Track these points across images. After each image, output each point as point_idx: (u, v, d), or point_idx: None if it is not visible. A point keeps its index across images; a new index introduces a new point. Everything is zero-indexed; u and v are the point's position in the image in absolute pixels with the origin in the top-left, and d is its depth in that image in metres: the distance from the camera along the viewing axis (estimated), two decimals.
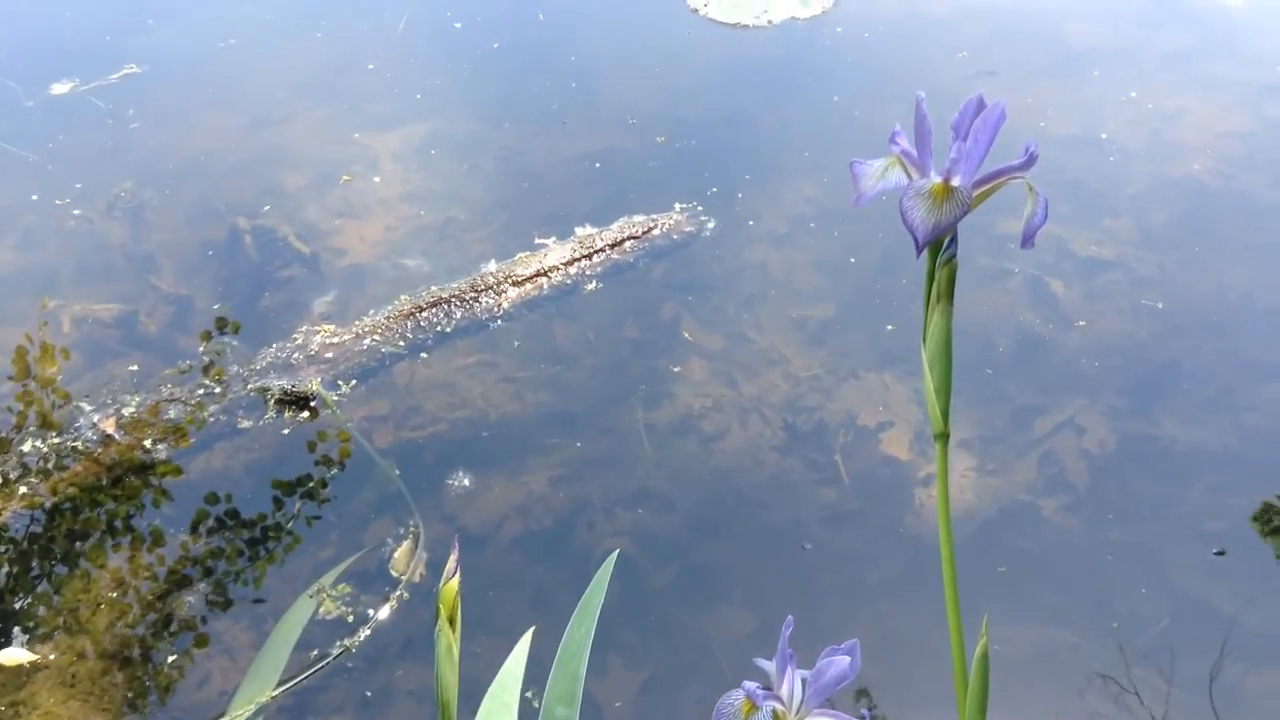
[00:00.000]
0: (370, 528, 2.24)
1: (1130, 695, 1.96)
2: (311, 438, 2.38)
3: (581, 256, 2.65)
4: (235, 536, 2.21)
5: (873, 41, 3.53)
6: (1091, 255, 2.81)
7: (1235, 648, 2.02)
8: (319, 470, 2.31)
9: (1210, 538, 2.20)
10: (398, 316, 2.52)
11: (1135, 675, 1.98)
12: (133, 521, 2.24)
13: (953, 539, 1.02)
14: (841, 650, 1.05)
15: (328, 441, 2.36)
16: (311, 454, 2.35)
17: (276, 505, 2.27)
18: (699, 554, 2.24)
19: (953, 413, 2.56)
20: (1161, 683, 1.97)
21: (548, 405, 2.50)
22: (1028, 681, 2.00)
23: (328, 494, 2.29)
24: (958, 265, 1.09)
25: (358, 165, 3.10)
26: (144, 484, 2.30)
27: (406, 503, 2.27)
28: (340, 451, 2.35)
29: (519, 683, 1.30)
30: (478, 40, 3.57)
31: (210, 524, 2.24)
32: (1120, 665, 2.00)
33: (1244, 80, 3.41)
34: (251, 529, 2.23)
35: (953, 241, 1.06)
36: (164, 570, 2.17)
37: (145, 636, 2.07)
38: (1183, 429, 2.39)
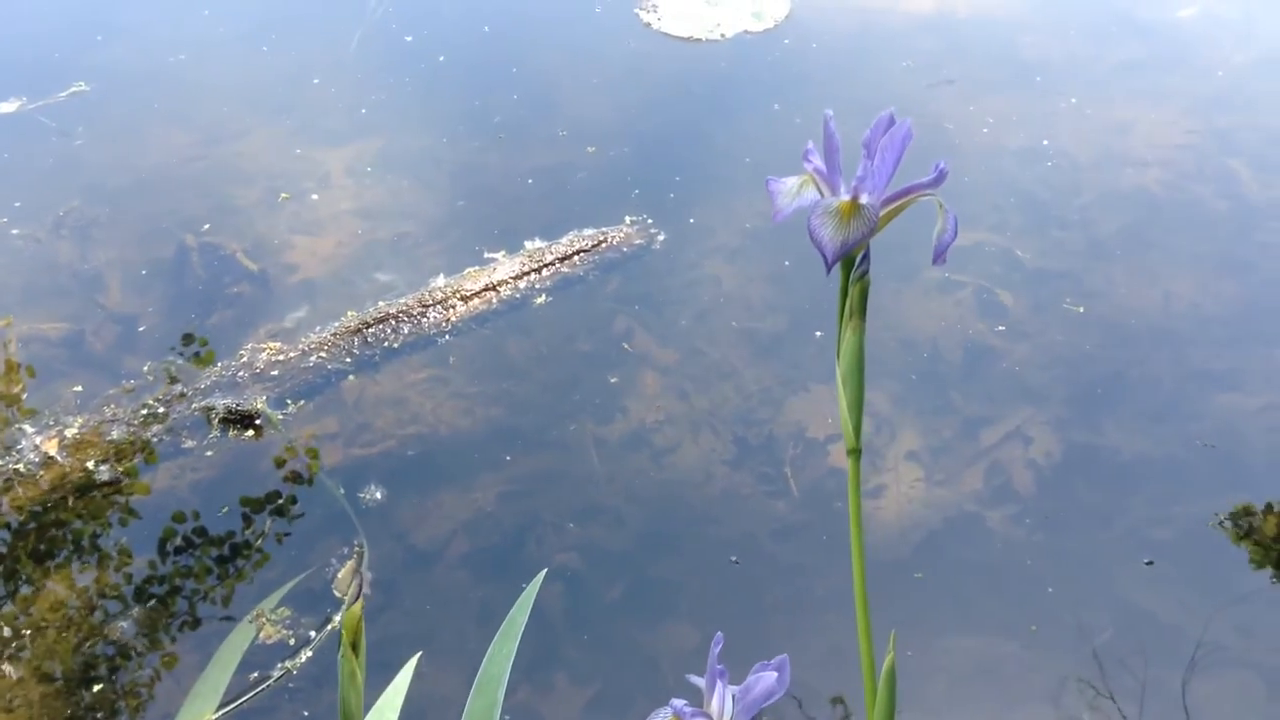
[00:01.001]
0: (315, 548, 2.22)
1: (1074, 704, 1.97)
2: (257, 457, 2.36)
3: (531, 270, 2.64)
4: (179, 558, 2.19)
5: (827, 55, 3.55)
6: (1040, 267, 2.83)
7: (1178, 656, 2.03)
8: (264, 490, 2.29)
9: (1155, 547, 2.21)
10: (344, 333, 2.50)
11: (1079, 685, 1.99)
12: (74, 544, 2.21)
13: (864, 554, 1.02)
14: (771, 666, 1.05)
15: (274, 460, 2.34)
16: (258, 473, 2.33)
17: (220, 527, 2.24)
18: (648, 569, 2.24)
19: (902, 424, 2.58)
20: (1105, 692, 1.98)
21: (498, 420, 2.49)
22: (972, 692, 2.01)
23: (273, 514, 2.27)
24: (870, 282, 1.09)
25: (309, 181, 3.08)
26: (87, 506, 2.27)
27: (351, 522, 2.25)
28: (288, 473, 2.33)
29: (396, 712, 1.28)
30: (429, 55, 3.56)
31: (154, 546, 2.21)
32: (1064, 675, 2.01)
33: (1193, 91, 3.44)
34: (196, 550, 2.20)
35: (865, 258, 1.07)
36: (106, 593, 2.14)
37: (86, 660, 2.04)
38: (1128, 439, 2.40)
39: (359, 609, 0.97)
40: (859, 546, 1.03)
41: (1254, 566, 2.19)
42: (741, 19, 3.50)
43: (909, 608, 2.15)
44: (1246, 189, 3.08)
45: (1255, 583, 2.16)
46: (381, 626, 2.10)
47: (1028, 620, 2.11)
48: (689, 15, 3.51)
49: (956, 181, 3.10)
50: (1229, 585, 2.16)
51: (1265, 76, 3.50)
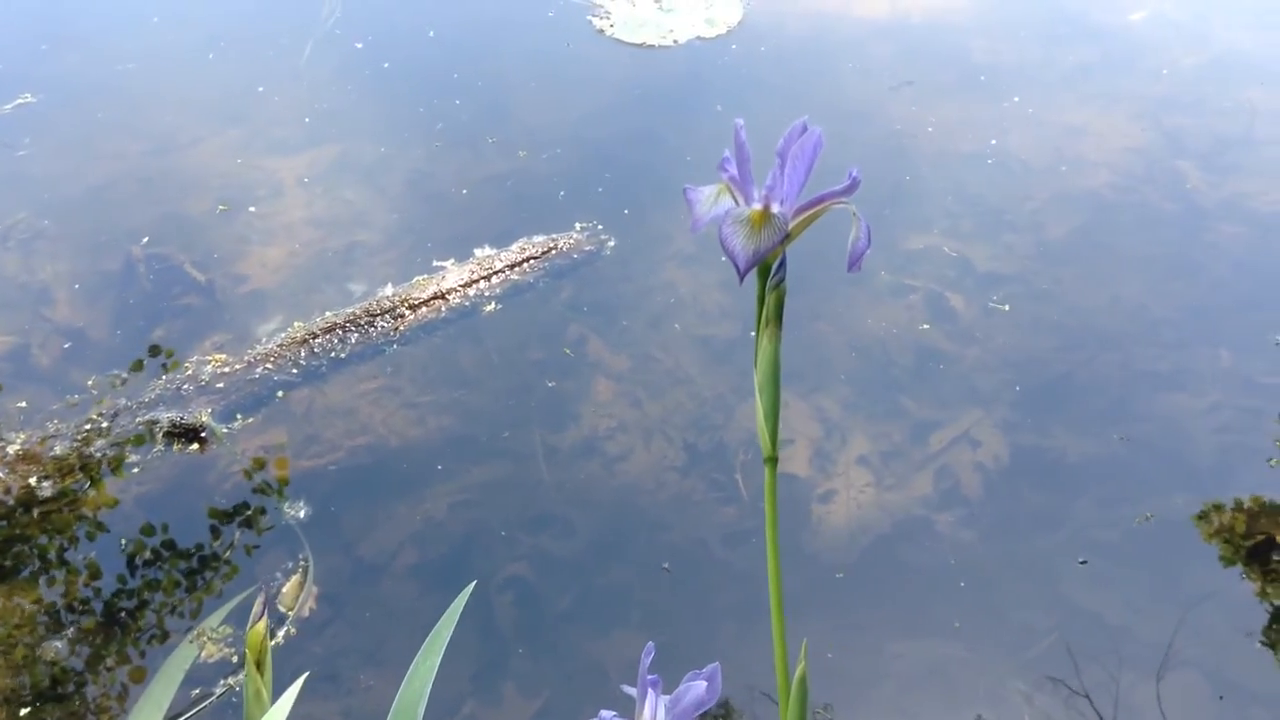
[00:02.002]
0: (260, 563, 2.20)
1: (1018, 705, 1.98)
2: (202, 470, 2.34)
3: (480, 278, 2.63)
4: (123, 575, 2.17)
5: (779, 60, 3.56)
6: (991, 270, 2.85)
7: (1124, 658, 2.04)
8: (209, 505, 2.27)
9: (1101, 548, 2.22)
10: (291, 343, 2.48)
11: (1023, 687, 2.00)
12: (15, 561, 2.18)
13: (779, 562, 1.02)
14: (702, 675, 1.05)
15: (219, 474, 2.32)
16: (203, 487, 2.31)
17: (164, 543, 2.22)
18: (598, 577, 2.23)
19: (853, 429, 2.58)
20: (1051, 694, 1.99)
21: (449, 430, 2.48)
22: (920, 696, 2.01)
23: (217, 529, 2.24)
24: (786, 290, 1.09)
25: (260, 190, 3.06)
26: (30, 523, 2.24)
27: (297, 535, 2.23)
28: (232, 487, 2.31)
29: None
30: (380, 64, 3.55)
31: (97, 562, 2.18)
32: (1008, 677, 2.01)
33: (1144, 94, 3.47)
34: (139, 567, 2.18)
35: (781, 266, 1.07)
36: (47, 611, 2.12)
37: (23, 680, 2.01)
38: (1075, 441, 2.42)
39: (262, 628, 0.96)
40: (774, 555, 1.02)
41: (1223, 563, 2.20)
42: (694, 25, 3.50)
43: (856, 612, 2.15)
44: (1195, 191, 3.11)
45: (1202, 583, 2.18)
46: (328, 639, 2.09)
47: (974, 623, 2.11)
48: (642, 22, 3.51)
49: (907, 185, 3.11)
50: (1176, 586, 2.17)
51: (1215, 79, 3.53)
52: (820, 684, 2.03)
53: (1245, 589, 2.17)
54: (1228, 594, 2.16)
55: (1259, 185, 3.11)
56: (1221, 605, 2.14)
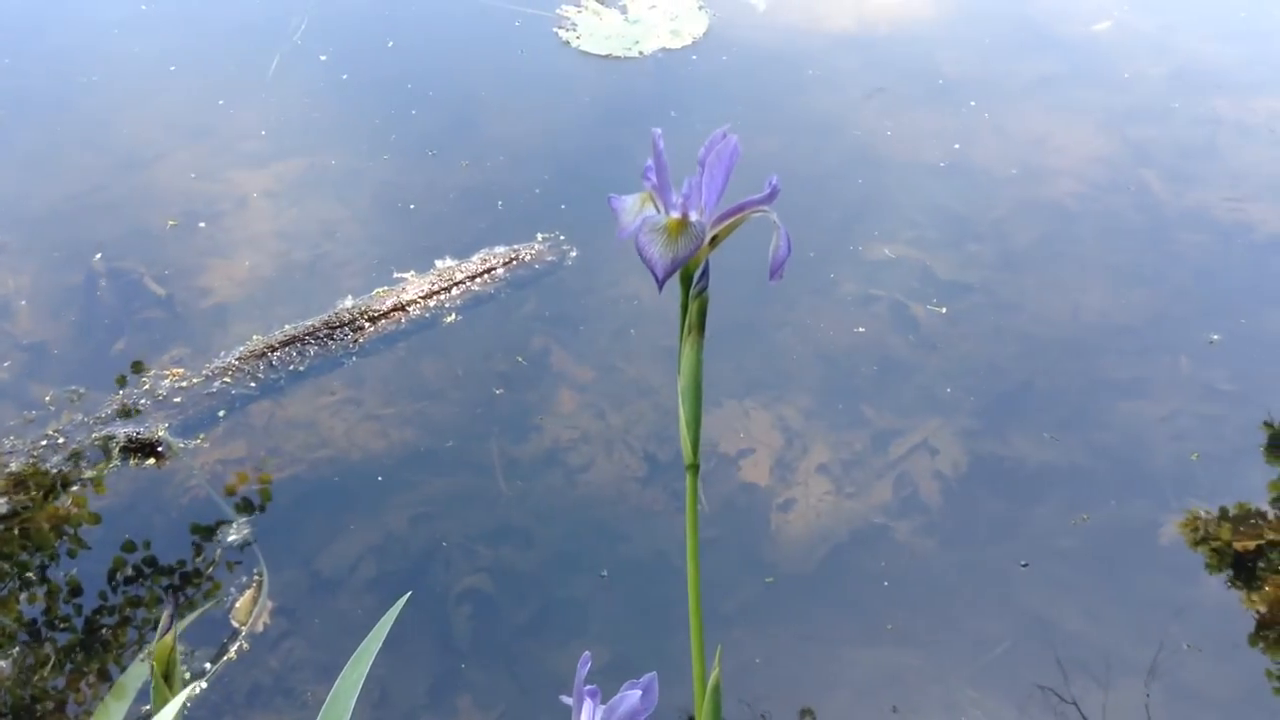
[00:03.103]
0: (216, 578, 2.19)
1: (973, 713, 1.98)
2: (158, 485, 2.33)
3: (440, 289, 2.63)
4: (77, 592, 2.15)
5: (746, 72, 3.57)
6: (954, 279, 2.86)
7: (1078, 665, 2.04)
8: (165, 520, 2.26)
9: (1059, 555, 2.23)
10: (249, 357, 2.48)
11: (975, 695, 2.00)
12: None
13: (699, 571, 1.01)
14: (638, 685, 1.05)
15: (175, 489, 2.31)
16: (160, 502, 2.30)
17: (120, 560, 2.21)
18: (558, 589, 2.22)
19: (814, 437, 2.59)
20: (1003, 701, 1.99)
21: (411, 442, 2.47)
22: (873, 704, 2.01)
23: (172, 544, 2.23)
24: (709, 298, 1.10)
25: (225, 204, 3.06)
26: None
27: (253, 550, 2.22)
28: (189, 501, 2.30)
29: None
30: (348, 76, 3.54)
31: (52, 579, 2.17)
32: (964, 684, 2.01)
33: (1108, 105, 3.49)
34: (95, 584, 2.17)
35: (704, 275, 1.07)
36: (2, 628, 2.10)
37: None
38: (1034, 448, 2.42)
39: (171, 640, 0.95)
40: (694, 564, 1.02)
41: (1211, 571, 2.21)
42: (660, 37, 3.51)
43: (814, 620, 2.15)
44: (1159, 200, 3.13)
45: (1159, 590, 2.18)
46: (284, 654, 2.08)
47: (930, 630, 2.11)
48: (607, 33, 3.52)
49: (873, 195, 3.12)
50: (1133, 592, 2.18)
51: (1179, 89, 3.56)
52: (774, 693, 2.03)
53: (1203, 596, 2.18)
54: (1185, 601, 2.16)
55: (1221, 194, 3.13)
56: (1179, 612, 2.14)
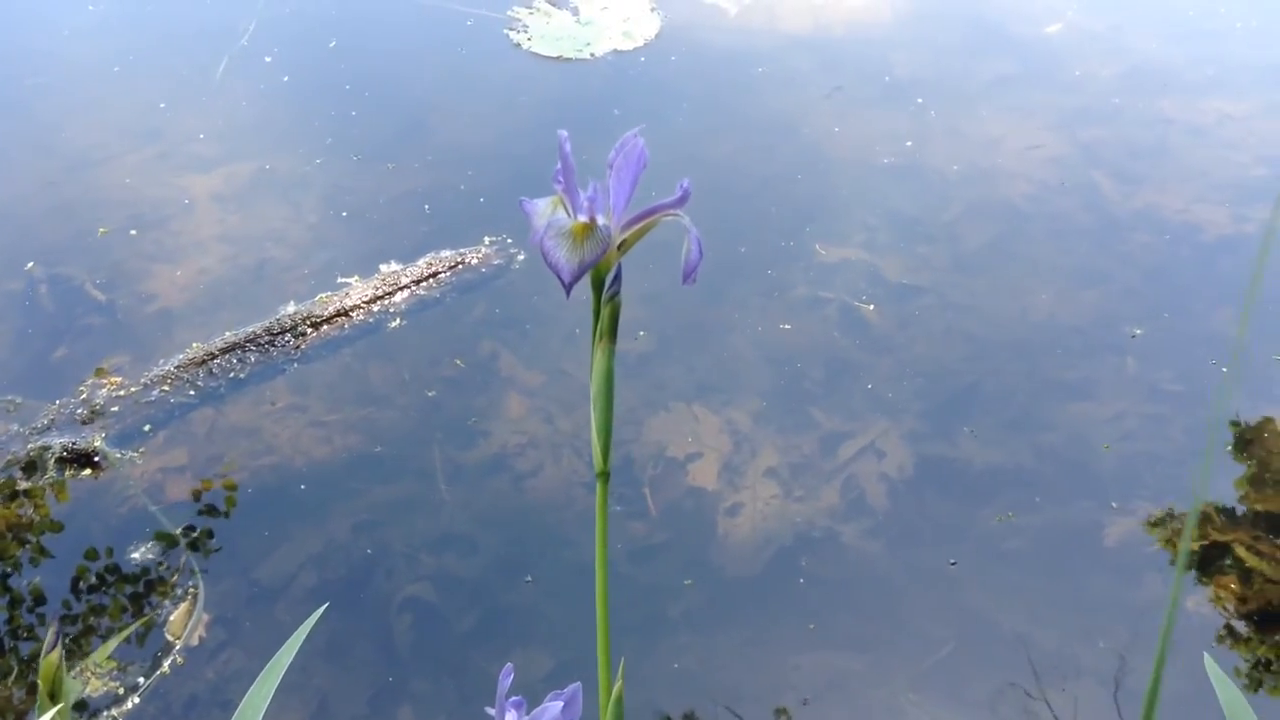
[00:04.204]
0: (152, 591, 2.15)
1: (918, 717, 1.97)
2: (95, 496, 2.29)
3: (385, 294, 2.60)
4: (10, 605, 2.11)
5: (698, 74, 3.56)
6: (904, 282, 2.85)
7: (1020, 666, 2.04)
8: (102, 531, 2.22)
9: (1005, 557, 2.23)
10: (189, 365, 2.44)
11: (918, 699, 1.99)
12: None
13: (608, 580, 1.00)
14: (562, 695, 1.03)
15: (111, 500, 2.27)
16: (96, 513, 2.26)
17: (53, 572, 2.17)
18: (502, 596, 2.20)
19: (763, 440, 2.58)
20: (943, 705, 1.99)
21: (356, 448, 2.44)
22: (816, 709, 2.00)
23: (107, 556, 2.19)
24: (621, 303, 1.08)
25: (171, 208, 3.01)
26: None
27: (190, 561, 2.19)
28: (127, 512, 2.26)
29: None
30: (295, 79, 3.51)
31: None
32: (908, 688, 2.01)
33: (1060, 105, 3.51)
34: (27, 599, 2.12)
35: (616, 279, 1.06)
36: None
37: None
38: (980, 450, 2.42)
39: (55, 658, 0.93)
40: (603, 573, 1.01)
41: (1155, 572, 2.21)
42: (612, 38, 3.50)
43: (758, 625, 2.14)
44: (1108, 201, 3.14)
45: (1102, 591, 2.19)
46: (220, 665, 2.04)
47: (874, 634, 2.11)
48: (559, 35, 3.50)
49: (825, 197, 3.12)
50: (1077, 594, 2.18)
51: (1130, 89, 3.57)
52: (715, 699, 2.01)
53: (1147, 597, 2.18)
54: (1129, 602, 2.17)
55: (1171, 195, 3.14)
56: (1123, 613, 2.15)
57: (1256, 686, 2.03)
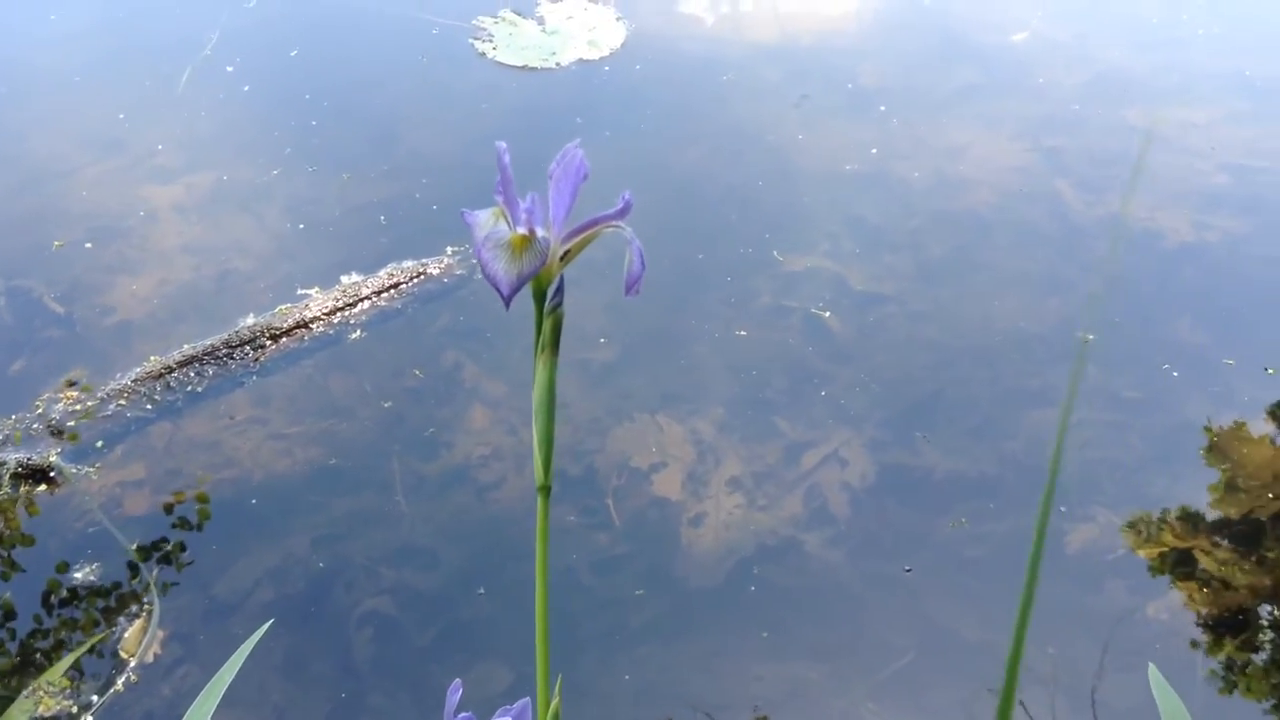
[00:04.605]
0: (106, 608, 2.13)
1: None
2: (51, 512, 2.26)
3: (345, 305, 2.59)
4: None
5: (664, 83, 3.56)
6: (869, 290, 2.86)
7: (979, 675, 2.04)
8: (57, 547, 2.19)
9: (966, 564, 2.23)
10: (146, 378, 2.41)
11: (876, 709, 1.99)
12: None
13: (548, 596, 0.99)
14: (511, 712, 1.02)
15: (67, 515, 2.24)
16: (53, 528, 2.23)
17: (8, 590, 2.14)
18: (462, 610, 2.19)
19: (727, 450, 2.57)
20: (904, 714, 1.98)
21: (316, 461, 2.42)
22: (776, 719, 1.99)
23: (62, 573, 2.17)
24: (564, 315, 1.07)
25: (132, 220, 2.98)
26: None
27: (144, 577, 2.16)
28: (83, 527, 2.23)
29: None
30: (258, 89, 3.48)
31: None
32: (864, 699, 2.00)
33: (1025, 114, 3.52)
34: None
35: (559, 291, 1.05)
36: None
37: None
38: (943, 458, 2.43)
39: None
40: (543, 588, 0.99)
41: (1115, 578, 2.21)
42: (577, 48, 3.49)
43: (721, 636, 2.13)
44: (1072, 209, 3.15)
45: (1062, 599, 2.19)
46: (176, 681, 2.02)
47: (836, 643, 2.10)
48: (524, 45, 3.49)
49: (791, 205, 3.12)
50: (1037, 601, 2.18)
51: (1094, 98, 3.60)
52: (679, 710, 2.00)
53: (1107, 604, 2.19)
54: (1090, 609, 2.17)
55: (1134, 203, 3.16)
56: (1083, 620, 2.15)
57: (1220, 690, 2.04)
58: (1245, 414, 2.53)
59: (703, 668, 2.09)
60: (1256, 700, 2.05)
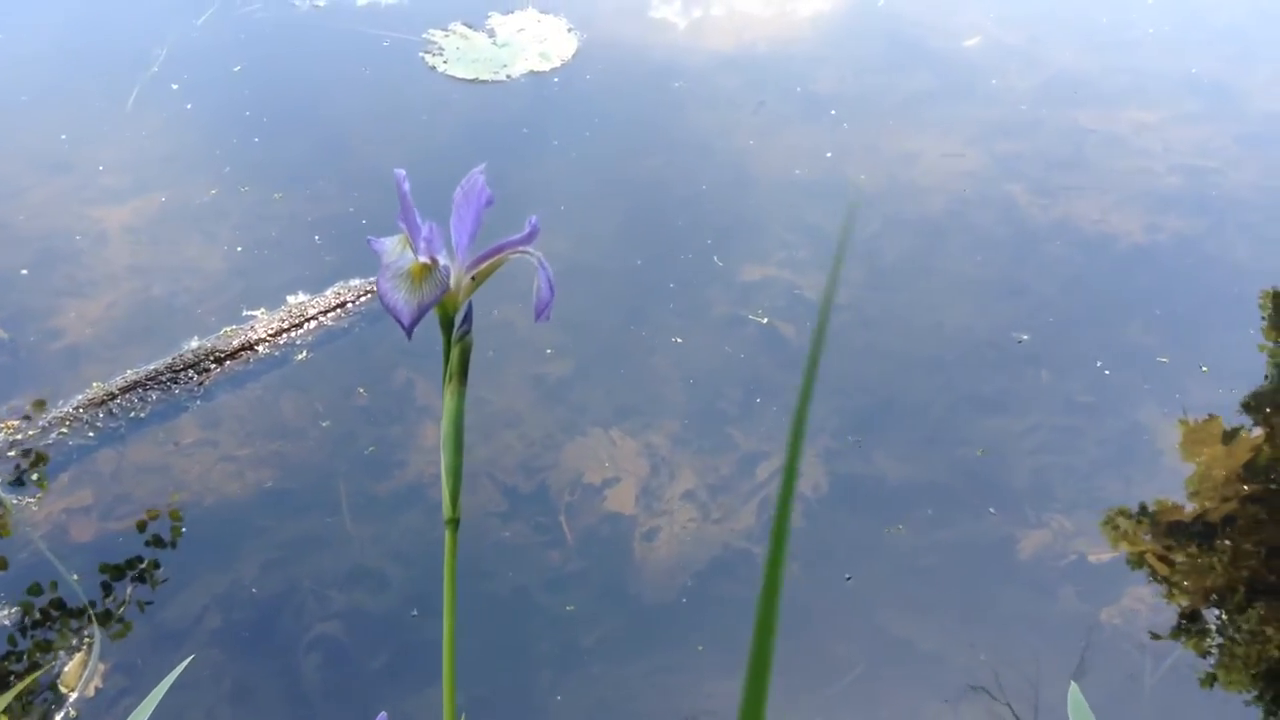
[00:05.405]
0: (44, 642, 2.09)
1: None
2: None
3: (292, 326, 2.56)
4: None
5: (615, 93, 3.55)
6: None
7: (935, 687, 2.03)
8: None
9: (919, 573, 2.22)
10: (89, 405, 2.38)
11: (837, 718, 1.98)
12: None
13: (455, 626, 0.97)
14: None
15: (7, 547, 2.21)
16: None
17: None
18: (414, 632, 2.16)
19: (681, 463, 2.55)
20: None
21: (264, 485, 2.39)
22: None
23: (2, 605, 2.13)
24: (472, 343, 1.06)
25: (83, 240, 2.95)
26: None
27: (87, 609, 2.13)
28: (24, 557, 2.19)
29: None
30: (209, 106, 3.45)
31: None
32: (814, 714, 1.99)
33: (978, 118, 3.53)
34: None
35: (466, 319, 1.03)
36: None
37: None
38: (895, 466, 2.42)
39: None
40: (451, 623, 0.98)
41: (1067, 584, 2.20)
42: (528, 60, 3.48)
43: (673, 652, 2.12)
44: (1025, 213, 3.16)
45: (1015, 606, 2.19)
46: (118, 715, 1.99)
47: (787, 656, 2.09)
48: (475, 58, 3.47)
49: (743, 215, 3.11)
50: (989, 610, 2.18)
51: (1047, 102, 3.61)
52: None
53: (1060, 609, 2.18)
54: (1042, 615, 2.17)
55: (1086, 205, 3.17)
56: (1036, 627, 2.15)
57: (1171, 694, 2.04)
58: (1197, 415, 2.54)
59: (654, 685, 2.07)
60: (1207, 704, 2.05)
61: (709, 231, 3.04)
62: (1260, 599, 2.21)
